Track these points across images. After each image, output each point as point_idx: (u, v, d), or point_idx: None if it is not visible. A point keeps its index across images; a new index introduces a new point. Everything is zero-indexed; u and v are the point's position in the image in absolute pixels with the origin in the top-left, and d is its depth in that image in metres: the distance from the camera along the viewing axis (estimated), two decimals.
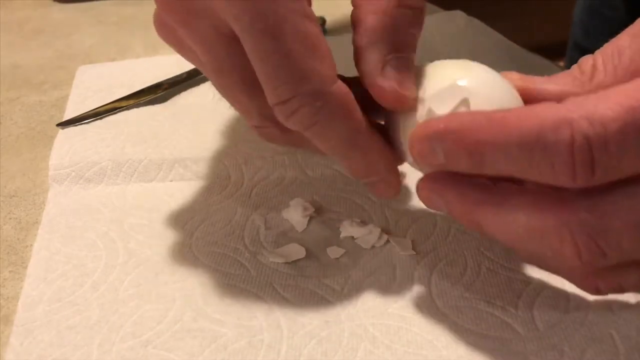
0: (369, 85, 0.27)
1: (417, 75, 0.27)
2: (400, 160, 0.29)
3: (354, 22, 0.27)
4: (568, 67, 0.55)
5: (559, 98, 0.23)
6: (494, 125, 0.22)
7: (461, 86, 0.25)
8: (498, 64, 0.28)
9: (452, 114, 0.25)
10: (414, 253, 0.31)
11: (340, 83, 0.26)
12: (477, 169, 0.24)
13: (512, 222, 0.24)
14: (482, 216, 0.25)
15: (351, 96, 0.26)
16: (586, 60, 0.26)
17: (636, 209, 0.22)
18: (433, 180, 0.26)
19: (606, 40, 0.27)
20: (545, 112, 0.22)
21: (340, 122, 0.26)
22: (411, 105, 0.26)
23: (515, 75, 0.27)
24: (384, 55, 0.26)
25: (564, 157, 0.21)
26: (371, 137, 0.27)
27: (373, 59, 0.26)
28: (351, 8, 0.27)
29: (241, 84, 0.28)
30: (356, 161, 0.28)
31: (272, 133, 0.29)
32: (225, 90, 0.29)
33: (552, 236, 0.23)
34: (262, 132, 0.30)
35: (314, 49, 0.25)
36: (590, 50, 0.27)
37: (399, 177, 0.29)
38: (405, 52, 0.27)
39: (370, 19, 0.26)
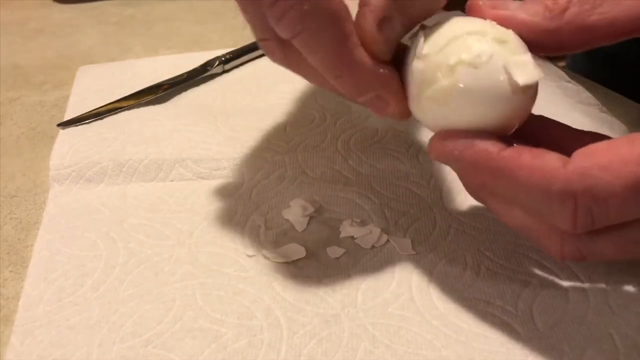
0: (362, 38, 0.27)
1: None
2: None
3: None
4: (569, 67, 0.55)
5: (528, 29, 0.26)
6: (503, 169, 0.24)
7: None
8: None
9: (471, 142, 0.25)
10: (414, 253, 0.31)
11: None
12: (485, 190, 0.26)
13: (511, 213, 0.26)
14: (486, 198, 0.27)
15: (342, 5, 0.26)
16: None
17: (621, 236, 0.24)
18: (444, 141, 0.26)
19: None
20: (554, 175, 0.23)
21: (327, 30, 0.26)
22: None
23: (487, 3, 0.27)
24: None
25: (566, 219, 0.24)
26: (361, 52, 0.27)
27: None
28: None
29: None
30: (346, 78, 0.27)
31: (273, 47, 0.28)
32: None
33: (543, 238, 0.26)
34: (265, 46, 0.29)
35: None
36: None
37: (399, 94, 0.28)
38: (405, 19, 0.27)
39: None
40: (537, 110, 0.27)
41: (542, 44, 0.26)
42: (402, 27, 0.27)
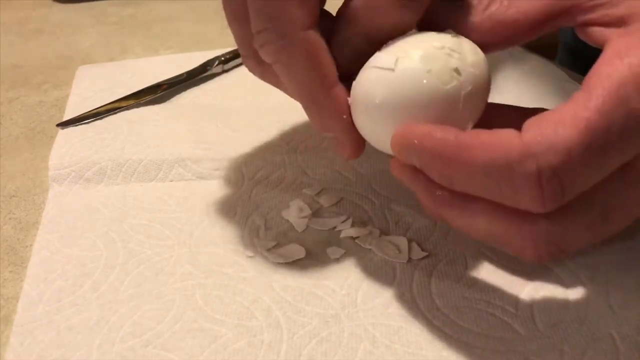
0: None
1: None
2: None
3: None
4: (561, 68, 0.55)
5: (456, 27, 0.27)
6: (461, 152, 0.24)
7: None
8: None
9: (428, 131, 0.25)
10: (414, 258, 0.31)
11: (313, 33, 0.27)
12: (448, 185, 0.25)
13: (473, 224, 0.26)
14: (446, 213, 0.26)
15: (320, 49, 0.27)
16: None
17: (590, 212, 0.24)
18: (402, 168, 0.27)
19: None
20: (511, 144, 0.23)
21: (299, 67, 0.27)
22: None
23: None
24: None
25: (532, 189, 0.22)
26: (330, 93, 0.28)
27: None
28: None
29: (235, 13, 0.30)
30: (312, 113, 0.29)
31: (252, 64, 0.31)
32: (226, 17, 0.31)
33: (514, 241, 0.25)
34: (245, 62, 0.32)
35: None
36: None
37: (354, 139, 0.29)
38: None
39: None
40: None
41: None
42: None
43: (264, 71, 0.31)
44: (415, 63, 0.25)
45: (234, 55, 0.50)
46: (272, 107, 0.44)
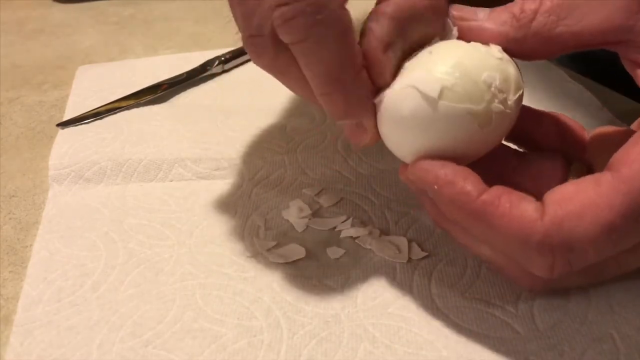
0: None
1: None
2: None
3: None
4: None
5: (496, 39, 0.26)
6: (480, 216, 0.24)
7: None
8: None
9: (451, 179, 0.25)
10: (409, 258, 0.31)
11: (346, 9, 0.25)
12: (457, 227, 0.26)
13: (474, 246, 0.27)
14: (449, 228, 0.27)
15: (352, 28, 0.25)
16: (531, 2, 0.26)
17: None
18: (420, 171, 0.26)
19: None
20: (532, 227, 0.24)
21: (332, 44, 0.25)
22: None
23: (456, 11, 0.28)
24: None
25: (544, 271, 0.24)
26: (358, 77, 0.26)
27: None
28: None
29: None
30: (335, 98, 0.26)
31: (264, 45, 0.27)
32: None
33: (512, 272, 0.27)
34: (255, 43, 0.27)
35: None
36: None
37: (376, 125, 0.28)
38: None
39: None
40: None
41: (508, 52, 0.27)
42: (402, 52, 0.27)
43: (276, 54, 0.27)
44: (459, 102, 0.25)
45: (234, 55, 0.50)
46: (272, 107, 0.44)
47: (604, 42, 0.26)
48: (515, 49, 0.26)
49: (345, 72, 0.26)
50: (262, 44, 0.27)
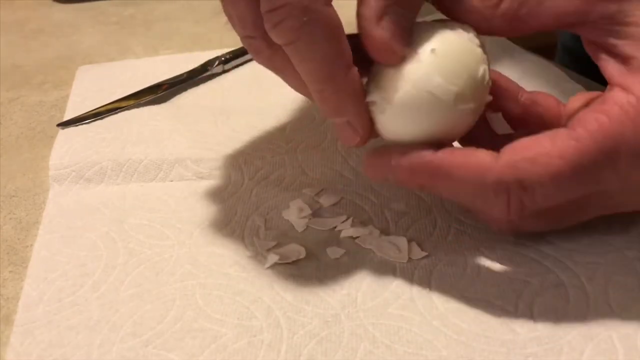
0: (361, 28, 0.27)
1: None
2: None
3: None
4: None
5: (471, 17, 0.28)
6: (439, 170, 0.27)
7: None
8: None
9: (402, 150, 0.28)
10: (409, 258, 0.31)
11: (332, 8, 0.26)
12: (419, 189, 0.29)
13: (460, 189, 0.28)
14: (431, 185, 0.28)
15: (340, 24, 0.26)
16: None
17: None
18: (379, 155, 0.29)
19: None
20: (487, 171, 0.26)
21: (321, 44, 0.26)
22: (396, 61, 0.27)
23: None
24: (386, 4, 0.26)
25: (501, 211, 0.27)
26: (349, 73, 0.27)
27: (374, 4, 0.26)
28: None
29: None
30: (327, 95, 0.27)
31: (259, 46, 0.28)
32: None
33: (490, 190, 0.27)
34: (251, 43, 0.29)
35: None
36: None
37: (368, 124, 0.28)
38: (406, 9, 0.27)
39: None
40: None
41: (478, 30, 0.28)
42: (403, 18, 0.27)
43: (272, 54, 0.28)
44: (463, 102, 0.27)
45: (234, 55, 0.50)
46: (272, 107, 0.44)
47: (564, 24, 0.28)
48: (484, 28, 0.28)
49: (335, 68, 0.27)
50: (257, 45, 0.28)
